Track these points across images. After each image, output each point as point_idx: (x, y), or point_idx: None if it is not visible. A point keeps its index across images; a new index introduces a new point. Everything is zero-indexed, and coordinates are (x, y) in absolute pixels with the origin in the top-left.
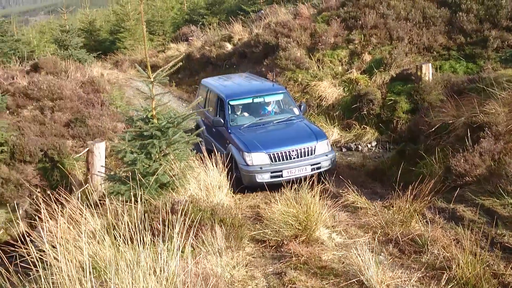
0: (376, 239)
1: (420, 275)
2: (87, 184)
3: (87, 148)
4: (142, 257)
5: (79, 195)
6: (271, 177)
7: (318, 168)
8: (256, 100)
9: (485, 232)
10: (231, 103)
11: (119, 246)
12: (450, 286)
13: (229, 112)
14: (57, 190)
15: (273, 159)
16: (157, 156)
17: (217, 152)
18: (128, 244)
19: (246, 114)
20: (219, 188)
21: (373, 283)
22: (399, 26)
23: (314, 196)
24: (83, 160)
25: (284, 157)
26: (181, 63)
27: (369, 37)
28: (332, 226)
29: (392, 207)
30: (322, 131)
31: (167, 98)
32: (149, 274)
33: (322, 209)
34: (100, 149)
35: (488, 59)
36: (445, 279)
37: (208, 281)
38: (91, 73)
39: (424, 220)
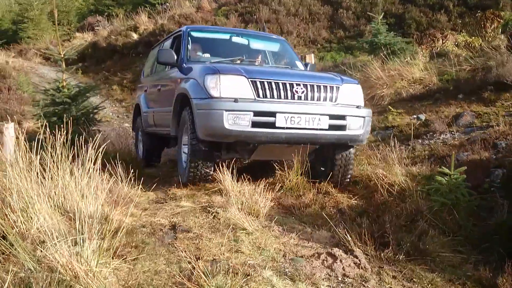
0: None
1: (263, 186)
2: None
3: None
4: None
5: None
6: (254, 124)
7: (342, 128)
8: (235, 40)
9: None
10: (194, 34)
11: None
12: (281, 191)
13: (188, 47)
14: None
15: (260, 91)
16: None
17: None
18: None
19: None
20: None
21: (229, 190)
22: (288, 21)
23: None
24: None
25: (282, 92)
26: (89, 49)
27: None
28: None
29: None
30: None
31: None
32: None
33: None
34: (9, 129)
35: (363, 50)
36: (278, 187)
37: None
38: None
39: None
